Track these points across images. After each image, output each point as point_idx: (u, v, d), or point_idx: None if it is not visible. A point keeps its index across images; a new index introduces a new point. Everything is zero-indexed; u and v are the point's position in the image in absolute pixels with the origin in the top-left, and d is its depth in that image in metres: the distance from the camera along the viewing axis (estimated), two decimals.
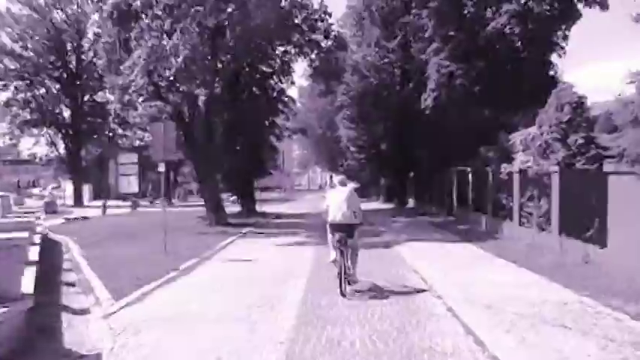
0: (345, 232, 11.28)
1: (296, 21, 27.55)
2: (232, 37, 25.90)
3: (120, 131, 60.31)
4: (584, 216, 13.92)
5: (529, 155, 19.09)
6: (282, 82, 36.24)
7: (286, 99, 36.85)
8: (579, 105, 16.75)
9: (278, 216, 35.51)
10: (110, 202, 47.46)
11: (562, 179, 15.31)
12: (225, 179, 37.58)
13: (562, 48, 28.27)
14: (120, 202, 49.97)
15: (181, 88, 25.04)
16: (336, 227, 11.42)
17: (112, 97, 27.52)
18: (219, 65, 29.87)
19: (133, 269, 14.03)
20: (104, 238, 22.55)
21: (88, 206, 51.22)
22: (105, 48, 29.03)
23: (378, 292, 11.29)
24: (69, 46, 55.90)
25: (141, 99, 26.45)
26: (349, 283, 11.14)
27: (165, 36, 24.56)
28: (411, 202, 41.85)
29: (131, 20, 25.24)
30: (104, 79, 34.63)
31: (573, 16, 28.21)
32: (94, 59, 50.22)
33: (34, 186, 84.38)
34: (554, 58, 29.26)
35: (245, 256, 16.86)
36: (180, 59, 23.34)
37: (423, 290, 11.27)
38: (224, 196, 46.60)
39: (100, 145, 62.98)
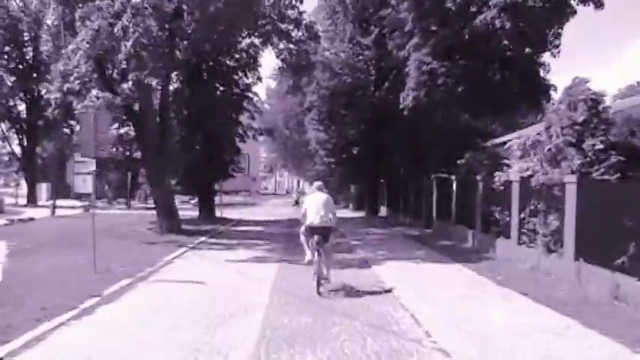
0: (323, 234, 12.00)
1: (263, 8, 24.57)
2: (191, 20, 22.92)
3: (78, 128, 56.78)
4: (611, 238, 11.19)
5: (528, 162, 16.47)
6: (247, 77, 33.39)
7: (251, 95, 33.95)
8: (596, 104, 14.08)
9: (239, 222, 32.56)
10: (67, 203, 45.28)
11: (581, 191, 12.58)
12: (182, 181, 34.49)
13: (556, 46, 25.75)
14: (77, 203, 46.98)
15: (131, 76, 21.85)
16: (315, 230, 12.03)
17: (51, 87, 24.24)
18: (177, 54, 26.90)
19: (47, 292, 11.15)
20: (39, 244, 19.72)
21: (43, 206, 48.28)
22: (50, 32, 25.85)
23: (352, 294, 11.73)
24: (26, 36, 52.07)
25: (85, 89, 23.20)
26: (321, 284, 11.86)
27: (115, 18, 21.53)
28: (383, 211, 39.19)
29: None
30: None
31: (567, 12, 25.70)
32: (39, 46, 46.87)
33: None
34: (546, 57, 26.76)
35: (191, 276, 13.88)
36: (129, 44, 20.23)
37: (420, 342, 8.32)
38: (185, 198, 43.68)
39: (58, 141, 59.47)
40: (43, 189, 59.61)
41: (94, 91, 25.41)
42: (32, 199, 52.87)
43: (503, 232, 16.99)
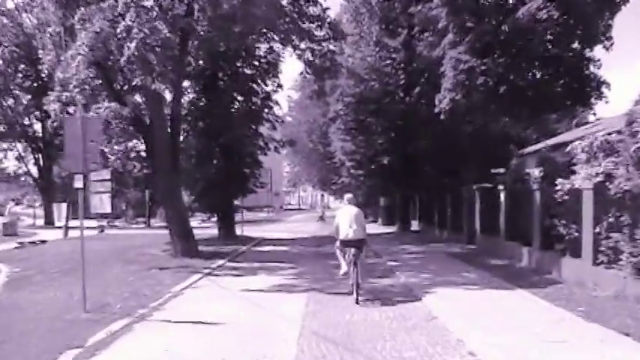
0: (357, 247, 12.48)
1: (281, 5, 22.20)
2: (203, 19, 20.68)
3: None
4: None
5: (596, 166, 13.90)
6: (267, 85, 31.09)
7: (272, 104, 31.62)
8: None
9: (261, 242, 30.16)
10: (84, 223, 42.84)
11: None
12: (199, 198, 32.21)
13: (609, 38, 23.11)
14: (95, 223, 45.18)
15: (136, 81, 19.59)
16: (349, 243, 12.54)
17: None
18: (190, 59, 24.74)
19: (20, 342, 9.07)
20: (41, 271, 18.08)
21: (60, 227, 46.80)
22: (53, 40, 23.69)
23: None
24: (40, 54, 50.50)
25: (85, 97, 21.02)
26: (360, 293, 12.16)
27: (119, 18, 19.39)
28: (414, 225, 36.56)
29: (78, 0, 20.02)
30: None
31: (618, 1, 23.12)
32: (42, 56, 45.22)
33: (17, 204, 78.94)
34: (596, 51, 24.15)
35: (202, 313, 11.42)
36: (133, 45, 17.99)
37: None
38: (204, 216, 41.38)
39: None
40: (62, 209, 57.87)
41: (104, 102, 23.61)
42: (49, 220, 51.53)
43: (571, 250, 14.34)
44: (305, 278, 16.27)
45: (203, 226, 37.88)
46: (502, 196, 19.78)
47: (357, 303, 11.88)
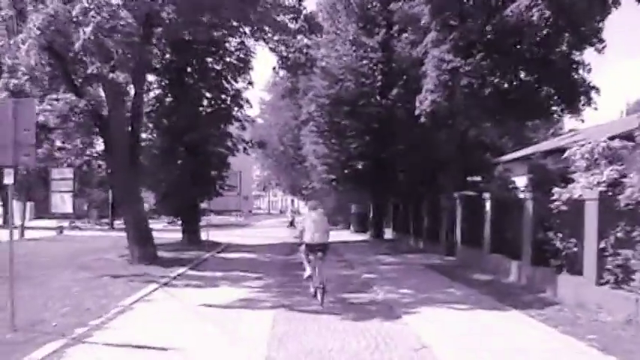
0: (321, 251, 12.82)
1: None
2: (168, 2, 18.95)
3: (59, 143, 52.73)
4: None
5: (597, 174, 12.56)
6: (237, 82, 29.43)
7: (242, 102, 29.92)
8: None
9: (227, 247, 28.44)
10: (46, 223, 42.84)
11: None
12: (162, 200, 30.40)
13: (601, 41, 21.87)
14: (57, 223, 43.05)
15: (91, 69, 17.74)
16: (314, 247, 12.79)
17: None
18: (156, 52, 23.03)
19: None
20: None
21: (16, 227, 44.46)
22: (6, 25, 21.79)
23: None
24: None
25: (37, 86, 19.18)
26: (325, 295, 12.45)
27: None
28: (388, 233, 35.09)
29: None
30: None
31: (609, 3, 21.89)
32: None
33: None
34: (586, 54, 22.90)
35: (150, 334, 9.78)
36: (89, 29, 16.24)
37: None
38: (170, 219, 39.46)
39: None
40: (27, 209, 55.85)
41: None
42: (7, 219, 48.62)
43: (569, 267, 12.94)
44: (272, 292, 14.65)
45: (169, 229, 36.09)
46: (487, 205, 18.35)
47: (322, 305, 12.20)
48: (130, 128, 21.34)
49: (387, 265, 20.61)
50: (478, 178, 35.85)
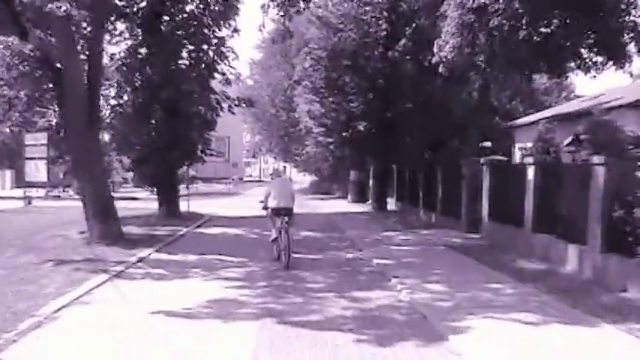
0: (286, 215, 13.23)
1: None
2: None
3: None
4: None
5: None
6: (220, 29, 25.47)
7: (227, 52, 25.91)
8: None
9: (209, 220, 24.80)
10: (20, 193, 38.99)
11: None
12: (135, 167, 26.56)
13: None
14: (29, 193, 39.27)
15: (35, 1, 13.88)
16: (279, 212, 13.25)
17: None
18: None
19: None
20: None
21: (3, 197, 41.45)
22: None
23: None
24: None
25: None
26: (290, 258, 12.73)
27: None
28: (390, 204, 31.40)
29: None
30: None
31: None
32: None
33: None
34: None
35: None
36: None
37: None
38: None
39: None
40: (7, 177, 53.93)
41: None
42: None
43: None
44: (257, 287, 10.98)
45: (150, 198, 32.40)
46: (530, 172, 14.62)
47: (287, 268, 12.53)
48: (87, 79, 17.57)
49: (399, 245, 16.86)
50: (488, 144, 32.42)
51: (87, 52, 18.32)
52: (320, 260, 14.25)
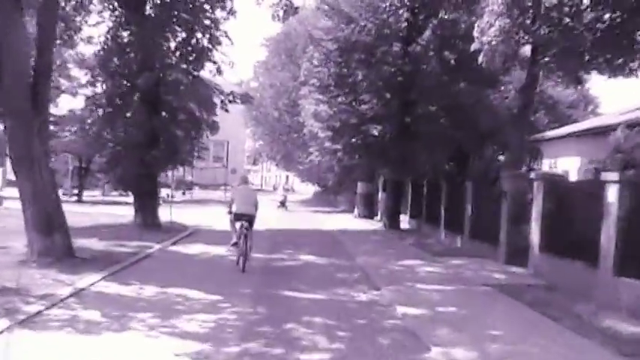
0: (247, 220, 13.49)
1: None
2: None
3: None
4: None
5: None
6: (213, 10, 21.69)
7: (220, 36, 22.05)
8: None
9: (193, 234, 21.04)
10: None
11: None
12: (107, 168, 22.71)
13: None
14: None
15: None
16: (241, 217, 13.49)
17: None
18: None
19: None
20: None
21: None
22: None
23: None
24: None
25: None
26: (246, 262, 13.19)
27: None
28: (403, 221, 27.40)
29: None
30: None
31: None
32: None
33: None
34: None
35: None
36: None
37: None
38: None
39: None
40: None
41: None
42: None
43: None
44: (225, 353, 7.05)
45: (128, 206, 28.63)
46: (611, 193, 10.68)
47: (243, 272, 12.98)
48: (32, 56, 13.76)
49: (427, 282, 12.78)
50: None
51: (37, 24, 14.52)
52: (322, 304, 10.29)
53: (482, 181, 18.86)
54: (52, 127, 28.83)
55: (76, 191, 43.64)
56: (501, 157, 27.19)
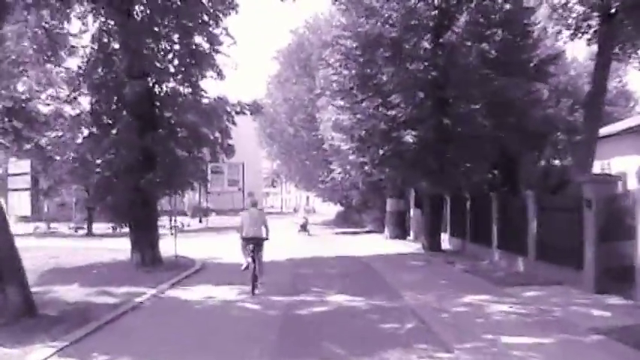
0: (257, 244, 13.43)
1: None
2: None
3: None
4: None
5: None
6: (212, 5, 18.50)
7: (221, 34, 18.74)
8: None
9: (198, 271, 17.79)
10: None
11: None
12: (96, 198, 19.33)
13: None
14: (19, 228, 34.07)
15: None
16: (249, 240, 13.45)
17: None
18: None
19: None
20: None
21: None
22: None
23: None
24: None
25: None
26: (256, 286, 13.13)
27: None
28: (443, 240, 23.82)
29: None
30: None
31: None
32: None
33: None
34: None
35: None
36: None
37: None
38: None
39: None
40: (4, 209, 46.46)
41: None
42: None
43: None
44: None
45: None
46: None
47: (253, 293, 12.92)
48: None
49: (513, 332, 9.01)
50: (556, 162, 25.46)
51: None
52: None
53: (551, 191, 15.38)
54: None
55: (84, 225, 41.09)
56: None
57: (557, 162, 26.64)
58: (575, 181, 13.95)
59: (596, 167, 23.00)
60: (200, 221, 52.47)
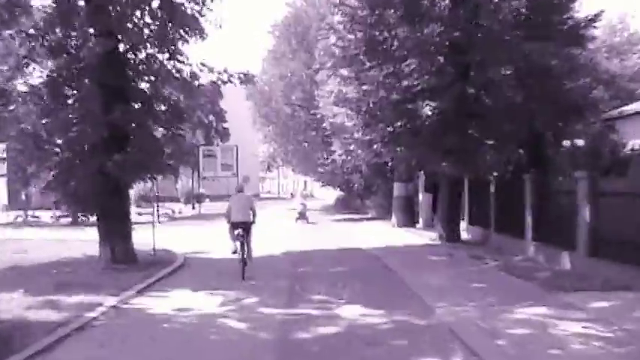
0: (244, 228, 13.79)
1: None
2: None
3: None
4: None
5: None
6: None
7: None
8: None
9: (180, 268, 15.08)
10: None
11: None
12: (61, 183, 16.19)
13: None
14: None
15: None
16: (237, 225, 13.83)
17: None
18: None
19: None
20: None
21: None
22: None
23: None
24: None
25: None
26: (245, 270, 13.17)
27: None
28: (463, 229, 21.01)
29: None
30: None
31: None
32: None
33: None
34: None
35: None
36: None
37: None
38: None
39: None
40: None
41: None
42: None
43: None
44: None
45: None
46: None
47: (243, 279, 12.90)
48: None
49: None
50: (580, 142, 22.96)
51: None
52: None
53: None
54: None
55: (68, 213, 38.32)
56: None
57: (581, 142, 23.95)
58: None
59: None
60: (193, 208, 49.74)
